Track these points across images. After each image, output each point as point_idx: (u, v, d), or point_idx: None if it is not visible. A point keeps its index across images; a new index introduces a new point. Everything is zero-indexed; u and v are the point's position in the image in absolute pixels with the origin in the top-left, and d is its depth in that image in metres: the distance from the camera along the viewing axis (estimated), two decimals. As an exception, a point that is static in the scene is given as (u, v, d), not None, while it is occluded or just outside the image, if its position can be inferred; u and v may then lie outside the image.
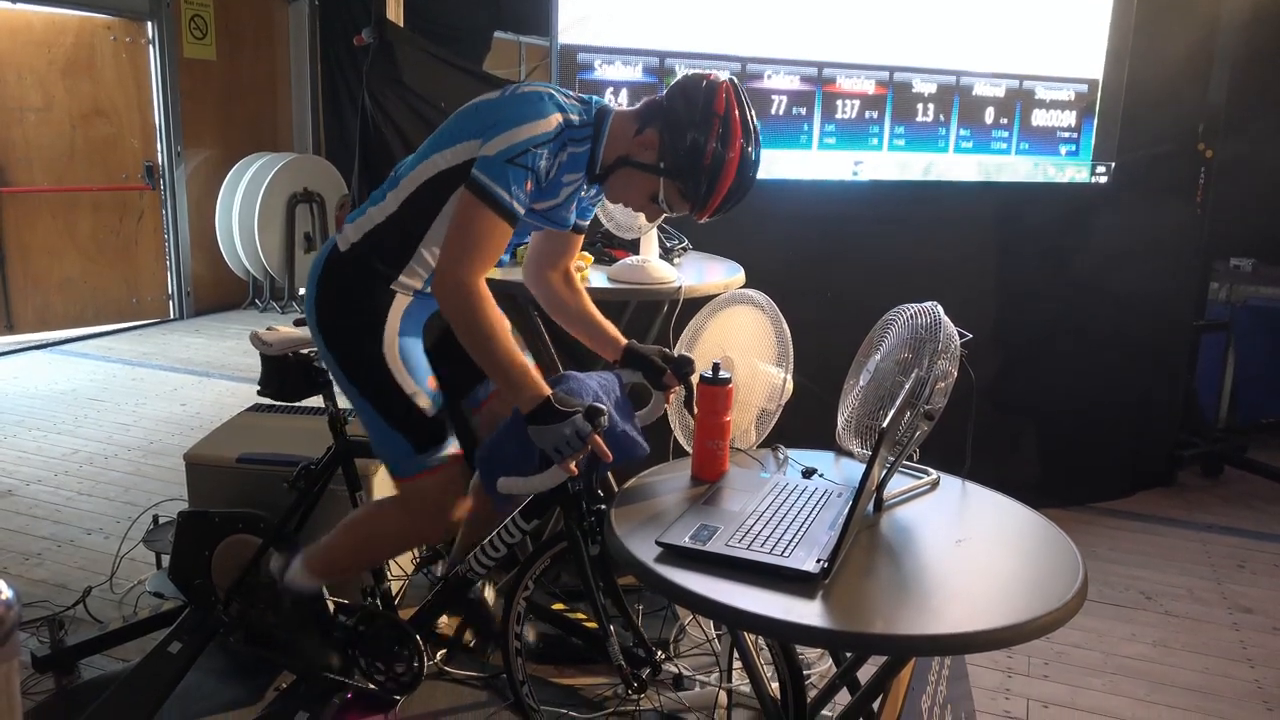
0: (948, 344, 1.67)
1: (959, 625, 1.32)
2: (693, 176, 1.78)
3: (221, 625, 2.28)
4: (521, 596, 2.10)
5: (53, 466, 3.92)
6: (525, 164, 1.73)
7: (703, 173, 1.77)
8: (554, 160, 1.79)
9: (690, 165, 1.77)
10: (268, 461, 2.50)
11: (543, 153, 1.75)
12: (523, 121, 1.74)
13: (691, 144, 1.76)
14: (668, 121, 1.79)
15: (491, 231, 1.74)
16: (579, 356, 2.76)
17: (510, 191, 1.73)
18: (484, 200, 1.73)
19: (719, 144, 1.76)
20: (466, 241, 1.74)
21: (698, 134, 1.76)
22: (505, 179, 1.73)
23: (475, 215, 1.74)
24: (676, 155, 1.78)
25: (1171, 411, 4.12)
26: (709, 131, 1.75)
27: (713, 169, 1.77)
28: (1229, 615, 3.04)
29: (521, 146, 1.73)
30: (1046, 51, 3.50)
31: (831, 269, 3.39)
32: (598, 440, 1.69)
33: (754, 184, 1.83)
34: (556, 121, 1.76)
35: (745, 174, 1.80)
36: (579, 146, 1.83)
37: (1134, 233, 3.75)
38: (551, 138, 1.76)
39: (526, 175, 1.74)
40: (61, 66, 6.13)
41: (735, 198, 1.82)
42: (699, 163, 1.77)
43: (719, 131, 1.76)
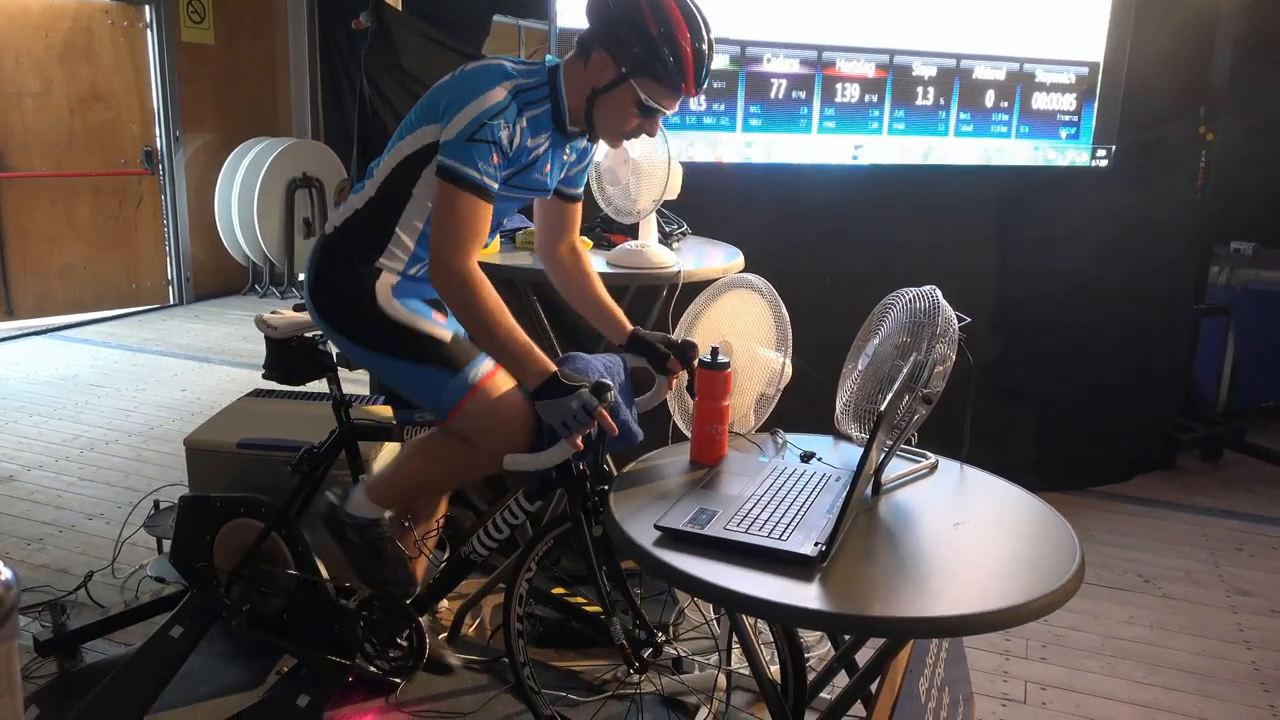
0: (946, 328, 1.67)
1: (957, 608, 1.32)
2: (655, 56, 1.78)
3: (223, 609, 2.29)
4: (524, 579, 2.11)
5: (54, 452, 3.93)
6: (485, 138, 1.76)
7: (659, 45, 1.77)
8: (514, 127, 1.80)
9: (646, 49, 1.78)
10: (268, 447, 2.51)
11: (500, 123, 1.77)
12: (472, 97, 1.77)
13: (634, 32, 1.77)
14: (603, 35, 1.81)
15: (471, 212, 1.77)
16: (581, 342, 2.76)
17: (478, 168, 1.76)
18: (455, 183, 1.76)
19: (654, 13, 1.77)
20: (450, 227, 1.77)
21: (633, 21, 1.77)
22: (470, 157, 1.76)
23: (452, 199, 1.77)
24: (629, 52, 1.79)
25: (1171, 395, 4.13)
26: (640, 11, 1.77)
27: (665, 36, 1.77)
28: (1227, 598, 3.05)
29: (477, 122, 1.76)
30: (1047, 34, 3.49)
31: (831, 253, 3.38)
32: (604, 415, 1.70)
33: (711, 30, 1.82)
34: (506, 90, 1.79)
35: (696, 26, 1.80)
36: (537, 109, 1.85)
37: (1134, 216, 3.75)
38: (504, 106, 1.78)
39: (490, 149, 1.77)
40: (59, 51, 6.11)
41: (704, 59, 1.82)
42: (650, 40, 1.77)
43: (647, 5, 1.77)
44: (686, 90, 1.83)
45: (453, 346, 1.92)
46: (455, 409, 1.89)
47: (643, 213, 2.48)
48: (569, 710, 2.28)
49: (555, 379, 1.72)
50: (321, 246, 1.99)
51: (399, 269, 1.94)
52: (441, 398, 1.91)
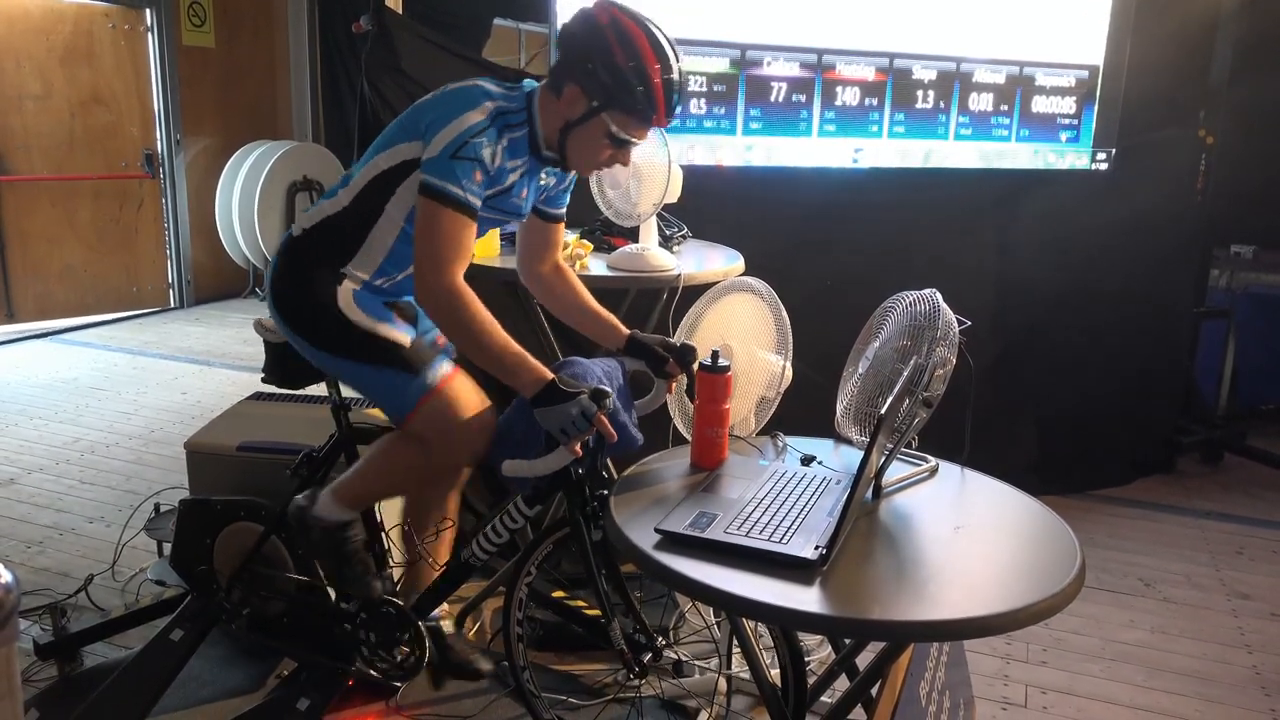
0: (946, 331, 1.67)
1: (957, 611, 1.32)
2: (624, 89, 1.79)
3: (223, 613, 2.28)
4: (524, 583, 2.11)
5: (54, 455, 3.93)
6: (469, 155, 1.77)
7: (629, 78, 1.78)
8: (496, 147, 1.82)
9: (615, 81, 1.78)
10: (268, 450, 2.51)
11: (483, 141, 1.78)
12: (455, 115, 1.78)
13: (603, 65, 1.78)
14: (572, 68, 1.81)
15: (455, 229, 1.78)
16: (580, 345, 2.76)
17: (462, 185, 1.77)
18: (439, 200, 1.77)
19: (622, 47, 1.78)
20: (434, 245, 1.78)
21: (601, 54, 1.78)
22: (454, 174, 1.77)
23: (435, 217, 1.78)
24: (599, 85, 1.79)
25: (1171, 399, 4.13)
26: (607, 44, 1.78)
27: (634, 69, 1.78)
28: (1227, 602, 3.04)
29: (461, 139, 1.77)
30: (1047, 37, 3.49)
31: (831, 256, 3.38)
32: (603, 420, 1.70)
33: (680, 62, 1.83)
34: (488, 109, 1.81)
35: (664, 57, 1.80)
36: (516, 131, 1.86)
37: (1134, 219, 3.75)
38: (487, 125, 1.79)
39: (474, 166, 1.78)
40: (60, 54, 6.11)
41: (674, 88, 1.82)
42: (620, 73, 1.78)
43: (614, 38, 1.78)
44: (657, 121, 1.84)
45: (411, 351, 1.94)
46: (413, 411, 1.92)
47: (643, 216, 2.48)
48: (569, 714, 2.28)
49: (553, 386, 1.72)
50: (287, 247, 2.00)
51: (363, 278, 1.96)
52: (400, 400, 1.93)
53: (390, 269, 1.97)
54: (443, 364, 1.95)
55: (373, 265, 1.95)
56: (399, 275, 1.99)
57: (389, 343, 1.93)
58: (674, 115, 1.85)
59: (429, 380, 1.91)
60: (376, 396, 2.02)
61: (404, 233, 1.92)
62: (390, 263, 1.96)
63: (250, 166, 6.70)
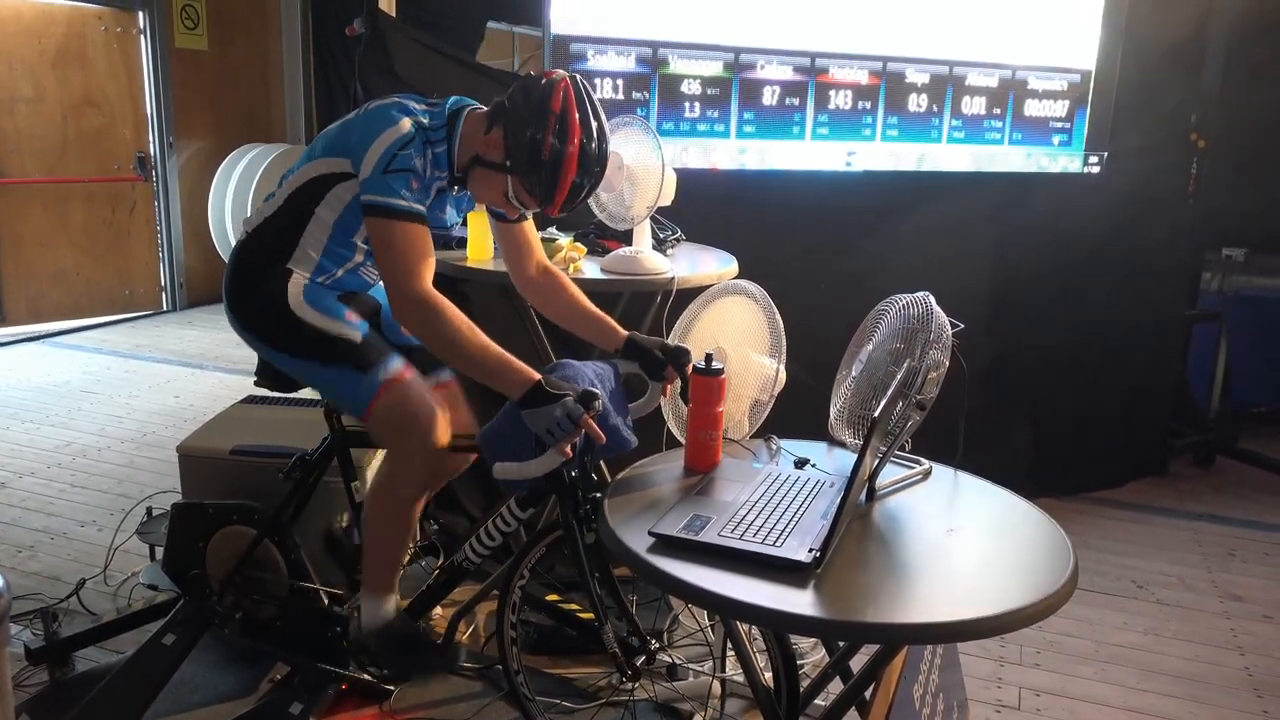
0: (939, 334, 1.68)
1: (951, 614, 1.32)
2: (534, 172, 1.84)
3: (216, 617, 2.28)
4: (517, 586, 2.10)
5: (45, 459, 3.91)
6: (400, 166, 1.82)
7: (543, 168, 1.83)
8: (424, 158, 1.87)
9: (530, 162, 1.84)
10: (261, 453, 2.50)
11: (410, 152, 1.84)
12: (380, 131, 1.84)
13: (530, 141, 1.83)
14: (508, 120, 1.85)
15: (409, 238, 1.83)
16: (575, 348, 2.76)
17: (401, 196, 1.82)
18: (385, 215, 1.82)
19: (556, 140, 1.82)
20: (394, 257, 1.83)
21: (535, 131, 1.82)
22: (390, 188, 1.82)
23: (387, 232, 1.83)
24: (518, 153, 1.84)
25: (1163, 401, 4.14)
26: (545, 128, 1.82)
27: (552, 164, 1.83)
28: (1220, 603, 3.05)
29: (389, 153, 1.82)
30: (1039, 41, 3.51)
31: (824, 259, 3.39)
32: (590, 422, 1.70)
33: (601, 179, 1.89)
34: (408, 124, 1.86)
35: (588, 168, 1.85)
36: (438, 147, 1.92)
37: (1126, 222, 3.76)
38: (411, 136, 1.85)
39: (407, 176, 1.83)
40: (52, 57, 6.10)
41: (580, 192, 1.88)
42: (538, 159, 1.83)
43: (555, 128, 1.82)
44: (547, 211, 1.90)
45: (363, 347, 1.98)
46: (369, 408, 1.96)
47: (637, 219, 2.48)
48: (563, 717, 2.28)
49: (539, 387, 1.72)
50: (236, 250, 2.07)
51: (307, 275, 2.01)
52: (355, 398, 1.97)
53: (329, 266, 2.02)
54: (394, 361, 1.99)
55: (311, 263, 2.00)
56: (338, 272, 2.04)
57: (340, 340, 1.97)
58: (564, 212, 1.92)
59: (380, 377, 1.95)
60: (334, 394, 2.07)
61: (335, 234, 1.98)
62: (327, 259, 2.01)
63: (243, 169, 6.69)
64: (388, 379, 1.95)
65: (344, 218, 1.96)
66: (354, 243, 2.00)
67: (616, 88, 2.93)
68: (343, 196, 1.93)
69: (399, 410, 1.95)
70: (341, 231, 1.98)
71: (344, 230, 1.98)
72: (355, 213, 1.93)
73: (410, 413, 1.96)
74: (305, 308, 1.97)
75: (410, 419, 1.95)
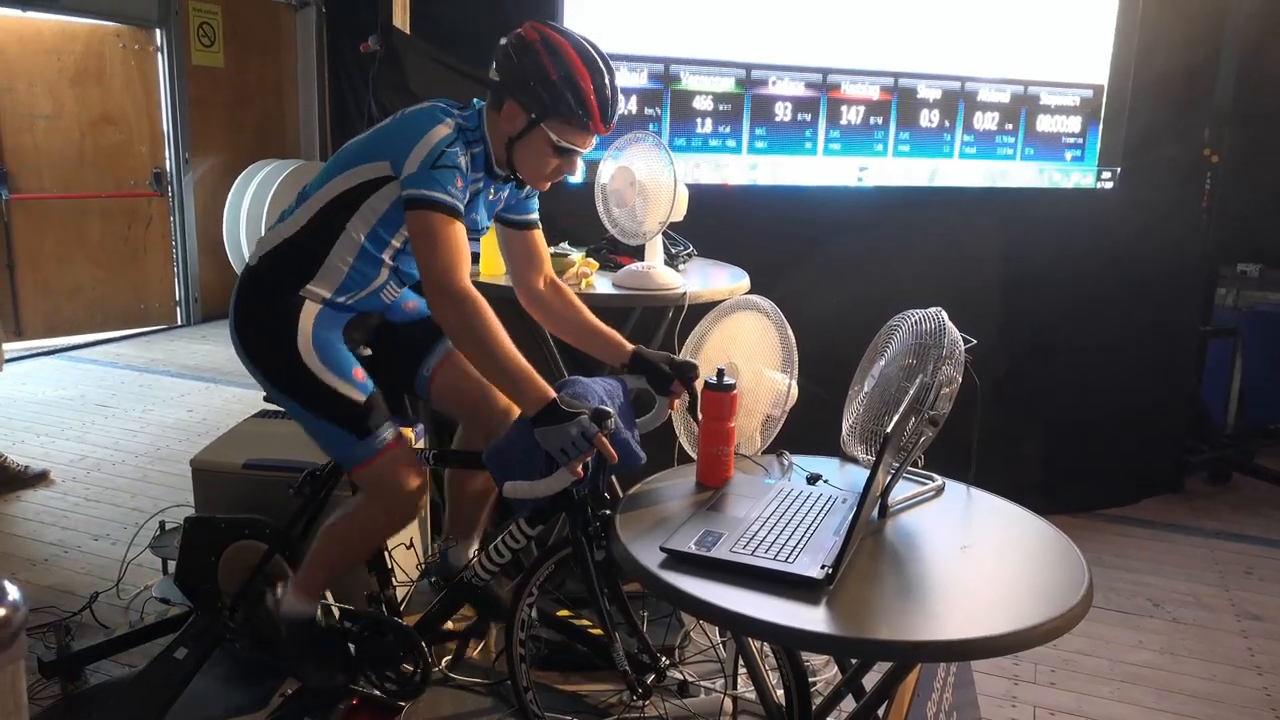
0: (952, 350, 1.67)
1: (964, 631, 1.31)
2: (559, 98, 1.84)
3: (227, 631, 2.28)
4: (527, 602, 2.10)
5: (60, 472, 3.93)
6: (447, 163, 1.82)
7: (561, 89, 1.83)
8: (466, 157, 1.87)
9: (549, 92, 1.84)
10: (274, 467, 2.51)
11: (456, 151, 1.84)
12: (424, 132, 1.84)
13: (535, 78, 1.84)
14: (510, 85, 1.87)
15: (449, 232, 1.82)
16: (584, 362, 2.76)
17: (446, 191, 1.82)
18: (428, 208, 1.81)
19: (551, 57, 1.83)
20: (434, 252, 1.81)
21: (531, 68, 1.84)
22: (437, 183, 1.81)
23: (430, 224, 1.81)
24: (535, 97, 1.85)
25: (1178, 417, 4.11)
26: (536, 56, 1.83)
27: (565, 78, 1.83)
28: (1237, 622, 3.02)
29: (437, 150, 1.82)
30: (1051, 57, 3.50)
31: (836, 275, 3.38)
32: (603, 442, 1.70)
33: (613, 75, 1.88)
34: (453, 124, 1.87)
35: (594, 65, 1.86)
36: (475, 148, 1.92)
37: (1140, 238, 3.75)
38: (455, 136, 1.85)
39: (454, 173, 1.83)
40: (71, 74, 6.16)
41: (608, 95, 1.87)
42: (551, 83, 1.83)
43: (543, 51, 1.83)
44: (595, 127, 1.88)
45: (364, 410, 1.97)
46: (356, 470, 1.99)
47: (649, 234, 2.48)
48: (573, 734, 2.27)
49: (554, 405, 1.72)
50: (246, 275, 2.04)
51: (326, 296, 1.98)
52: (343, 456, 2.00)
53: (352, 286, 2.00)
54: (388, 430, 1.99)
55: (334, 283, 1.98)
56: (361, 292, 2.02)
57: (342, 399, 1.96)
58: (611, 122, 1.90)
59: (374, 445, 1.96)
60: (321, 444, 2.05)
61: (364, 251, 1.96)
62: (352, 280, 1.99)
63: (258, 185, 6.74)
64: (381, 448, 1.96)
65: (377, 230, 1.94)
66: (381, 259, 1.98)
67: (629, 104, 2.94)
68: (378, 207, 1.91)
69: (386, 480, 1.98)
70: (372, 246, 1.95)
71: (375, 244, 1.95)
72: (389, 223, 1.92)
73: (395, 483, 1.97)
74: (313, 355, 1.95)
75: (394, 489, 1.98)
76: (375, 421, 1.97)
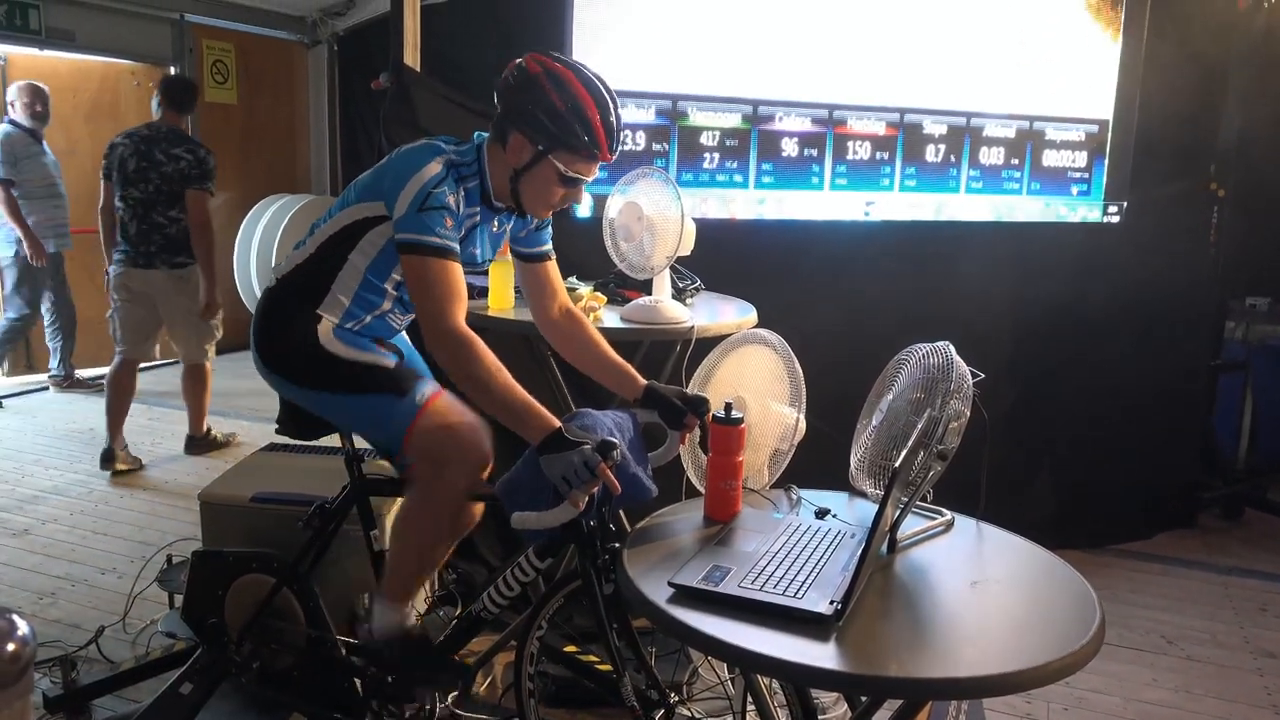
0: (960, 384, 1.67)
1: (975, 668, 1.30)
2: (567, 130, 1.86)
3: (234, 666, 2.27)
4: (535, 637, 2.09)
5: (69, 505, 3.94)
6: (435, 204, 1.84)
7: (570, 120, 1.85)
8: (457, 195, 1.89)
9: (557, 124, 1.86)
10: (282, 501, 2.51)
11: (444, 190, 1.86)
12: (413, 172, 1.86)
13: (543, 110, 1.85)
14: (515, 117, 1.89)
15: (443, 274, 1.84)
16: (593, 396, 2.76)
17: (436, 233, 1.84)
18: (419, 252, 1.84)
19: (557, 89, 1.85)
20: (429, 293, 1.84)
21: (539, 101, 1.85)
22: (426, 226, 1.84)
23: (422, 268, 1.84)
24: (542, 129, 1.87)
25: (1190, 452, 4.08)
26: (542, 90, 1.85)
27: (572, 109, 1.85)
28: (1253, 660, 2.98)
29: (423, 192, 1.84)
30: (1056, 92, 3.53)
31: (843, 308, 3.39)
32: (606, 472, 1.70)
33: (614, 101, 1.89)
34: (441, 162, 1.88)
35: (598, 93, 1.87)
36: (470, 183, 1.95)
37: (1148, 272, 3.75)
38: (443, 177, 1.87)
39: (442, 214, 1.85)
40: (86, 111, 6.24)
41: (613, 123, 1.89)
42: (560, 116, 1.85)
43: (548, 84, 1.85)
44: (601, 156, 1.90)
45: (396, 372, 2.01)
46: (407, 434, 1.96)
47: (656, 269, 2.49)
48: (581, 772, 2.24)
49: (559, 434, 1.73)
50: (266, 296, 2.09)
51: (336, 320, 2.03)
52: (391, 425, 1.97)
53: (358, 312, 2.03)
54: (428, 384, 2.01)
55: (340, 309, 2.02)
56: (367, 318, 2.05)
57: (373, 367, 2.00)
58: (616, 150, 1.92)
59: (418, 399, 1.97)
60: (368, 426, 2.05)
61: (366, 280, 2.00)
62: (357, 306, 2.02)
63: (268, 220, 6.79)
64: (425, 401, 1.97)
65: (377, 262, 1.98)
66: (384, 288, 2.02)
67: (637, 139, 2.97)
68: (377, 241, 1.96)
69: (440, 430, 1.96)
70: (374, 276, 2.00)
71: (376, 275, 2.00)
72: (389, 256, 1.95)
73: (452, 429, 1.96)
74: (335, 342, 2.00)
75: (451, 438, 1.96)
76: (412, 378, 2.00)
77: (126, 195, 4.30)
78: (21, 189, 5.24)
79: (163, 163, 4.27)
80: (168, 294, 4.41)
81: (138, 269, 4.36)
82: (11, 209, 5.21)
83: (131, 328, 4.43)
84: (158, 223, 4.32)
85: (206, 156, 4.33)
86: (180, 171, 4.28)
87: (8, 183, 5.18)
